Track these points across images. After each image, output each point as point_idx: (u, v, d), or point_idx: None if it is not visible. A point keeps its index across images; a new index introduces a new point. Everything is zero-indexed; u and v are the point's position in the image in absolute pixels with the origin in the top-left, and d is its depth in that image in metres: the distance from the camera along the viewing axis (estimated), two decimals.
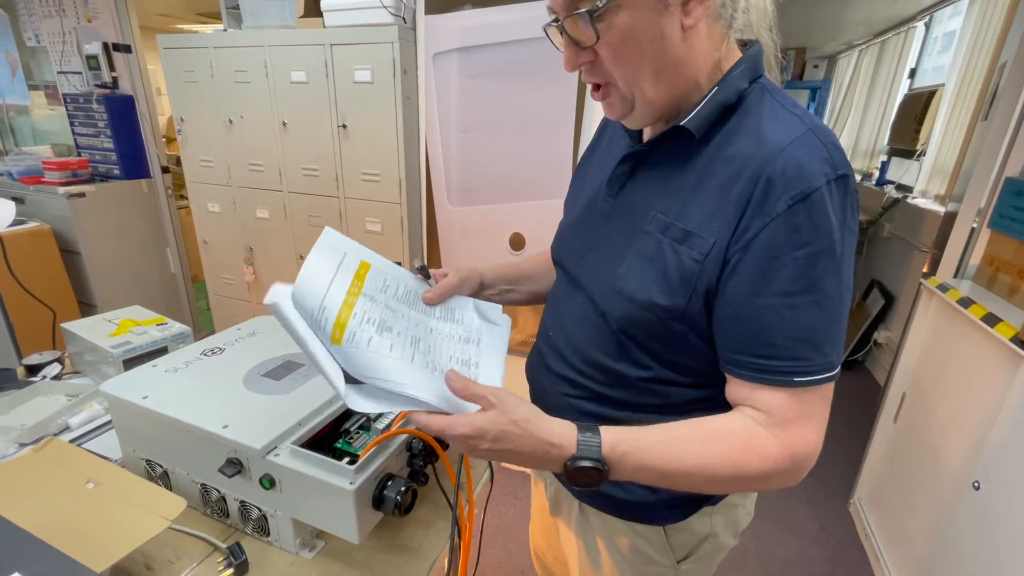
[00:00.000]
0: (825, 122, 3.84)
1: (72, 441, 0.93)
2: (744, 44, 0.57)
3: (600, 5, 0.48)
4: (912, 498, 1.54)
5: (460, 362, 0.61)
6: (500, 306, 0.76)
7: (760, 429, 0.52)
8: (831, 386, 0.53)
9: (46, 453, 0.79)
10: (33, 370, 1.18)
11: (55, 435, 0.95)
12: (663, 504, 0.67)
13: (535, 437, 0.51)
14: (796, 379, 0.51)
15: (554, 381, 0.70)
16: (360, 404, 0.50)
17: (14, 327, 1.27)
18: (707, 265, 0.52)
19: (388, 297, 0.62)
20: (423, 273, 0.73)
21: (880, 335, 2.95)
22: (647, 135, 0.64)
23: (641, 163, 0.62)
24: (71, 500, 0.70)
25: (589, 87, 0.59)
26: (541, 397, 0.74)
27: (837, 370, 0.52)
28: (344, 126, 1.89)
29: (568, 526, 0.80)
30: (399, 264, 0.71)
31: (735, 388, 0.55)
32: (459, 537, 0.79)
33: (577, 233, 0.69)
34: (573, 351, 0.66)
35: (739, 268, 0.51)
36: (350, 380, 0.51)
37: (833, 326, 0.51)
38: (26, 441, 0.92)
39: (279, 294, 0.52)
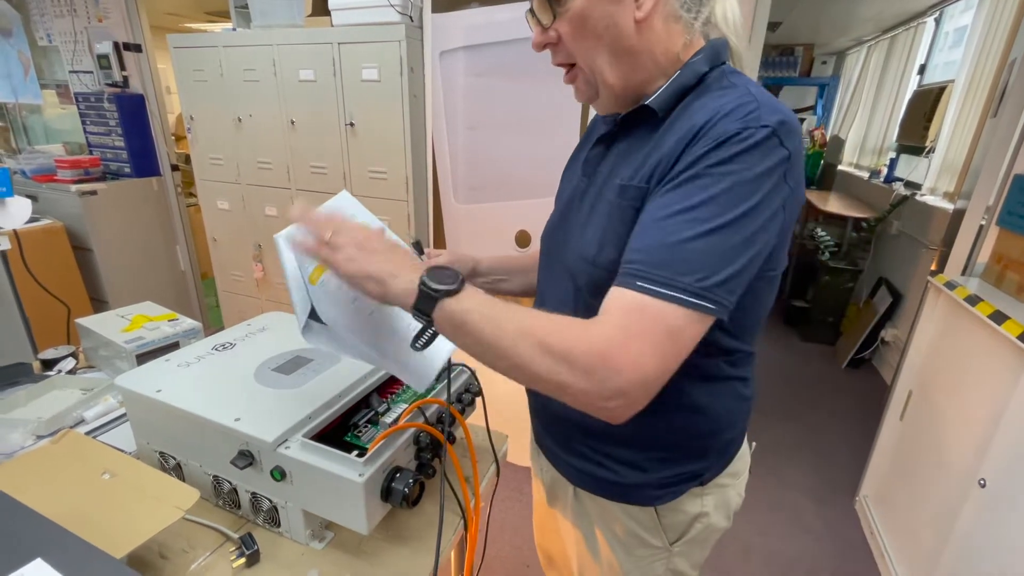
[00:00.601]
0: (833, 119, 3.82)
1: (88, 433, 0.95)
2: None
3: None
4: (918, 496, 1.54)
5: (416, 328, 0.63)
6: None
7: (598, 325, 0.50)
8: (680, 316, 0.48)
9: (63, 445, 0.81)
10: (48, 364, 1.20)
11: (71, 428, 0.98)
12: (654, 485, 0.68)
13: (396, 252, 0.59)
14: (638, 282, 0.49)
15: None
16: (311, 339, 0.57)
17: (30, 322, 1.30)
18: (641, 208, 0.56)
19: None
20: (417, 249, 0.78)
21: (887, 333, 2.93)
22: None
23: (612, 143, 0.66)
24: (88, 490, 0.72)
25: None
26: (532, 393, 0.77)
27: (688, 297, 0.48)
28: (351, 124, 1.91)
29: (564, 515, 0.81)
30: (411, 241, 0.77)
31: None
32: (465, 529, 0.81)
33: (560, 218, 0.73)
34: None
35: (656, 196, 0.54)
36: (315, 319, 0.57)
37: (700, 253, 0.48)
38: (43, 433, 0.95)
39: (284, 232, 0.60)
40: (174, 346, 1.12)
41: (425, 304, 0.54)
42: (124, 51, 2.55)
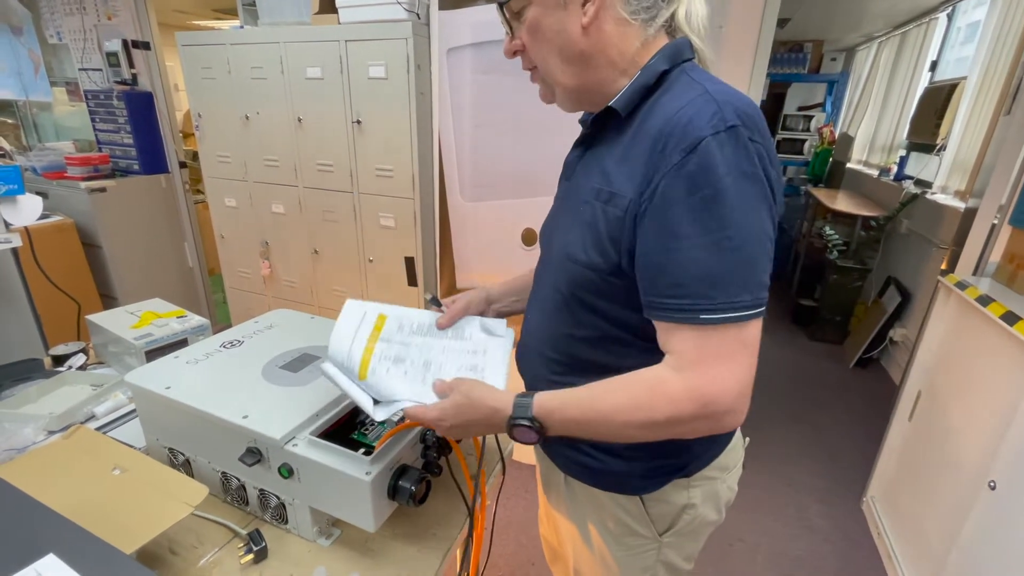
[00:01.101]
0: (842, 116, 3.78)
1: (98, 429, 0.96)
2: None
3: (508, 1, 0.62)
4: (926, 497, 1.53)
5: (468, 369, 0.74)
6: (504, 320, 0.85)
7: (669, 372, 0.55)
8: (748, 327, 0.53)
9: (74, 440, 0.82)
10: (59, 360, 1.22)
11: (82, 423, 0.99)
12: (637, 474, 0.69)
13: (483, 406, 0.63)
14: (702, 316, 0.53)
15: (531, 361, 0.75)
16: (380, 414, 0.67)
17: (41, 318, 1.31)
18: (626, 219, 0.57)
19: (404, 335, 0.78)
20: (435, 303, 0.85)
21: (896, 333, 2.91)
22: None
23: (589, 147, 0.69)
24: (98, 486, 0.72)
25: None
26: (525, 378, 0.78)
27: (750, 311, 0.52)
28: (358, 122, 1.91)
29: (558, 505, 0.82)
30: (426, 299, 0.87)
31: (659, 334, 0.58)
32: (471, 527, 0.81)
33: (550, 221, 0.76)
34: (543, 328, 0.72)
35: (645, 217, 0.56)
36: (377, 402, 0.68)
37: (738, 267, 0.52)
38: (54, 429, 0.96)
39: (327, 366, 0.72)
40: (183, 343, 1.13)
41: (532, 436, 0.62)
42: (133, 49, 2.56)
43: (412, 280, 2.06)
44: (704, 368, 0.53)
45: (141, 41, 2.56)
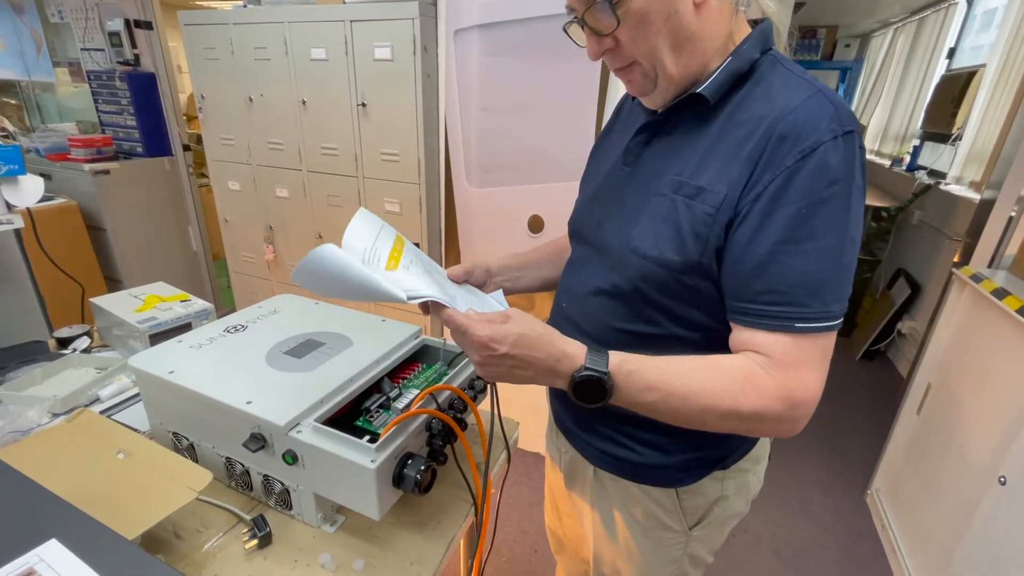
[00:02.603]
0: (855, 105, 3.73)
1: (102, 412, 0.95)
2: (755, 23, 0.60)
3: None
4: (933, 490, 1.52)
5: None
6: (501, 292, 0.81)
7: (760, 369, 0.54)
8: (832, 336, 0.54)
9: (78, 423, 0.81)
10: (64, 343, 1.21)
11: (86, 406, 0.98)
12: (676, 467, 0.68)
13: (551, 344, 0.56)
14: (797, 324, 0.52)
15: None
16: (409, 297, 0.58)
17: (45, 301, 1.31)
18: (719, 216, 0.55)
19: (422, 260, 0.72)
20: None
21: (904, 325, 2.88)
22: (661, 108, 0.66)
23: (656, 133, 0.64)
24: (103, 470, 0.72)
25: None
26: None
27: (838, 321, 0.53)
28: (363, 105, 1.88)
29: (583, 496, 0.81)
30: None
31: (739, 335, 0.57)
32: (476, 515, 0.80)
33: (595, 205, 0.71)
34: (587, 319, 0.69)
35: (748, 218, 0.53)
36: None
37: (835, 276, 0.52)
38: (59, 411, 0.95)
39: (323, 248, 0.58)
40: (186, 327, 1.12)
41: (594, 405, 0.57)
42: (135, 28, 2.53)
43: None
44: (795, 371, 0.53)
45: (143, 20, 2.52)
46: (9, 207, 1.01)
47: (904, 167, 3.42)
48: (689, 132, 0.59)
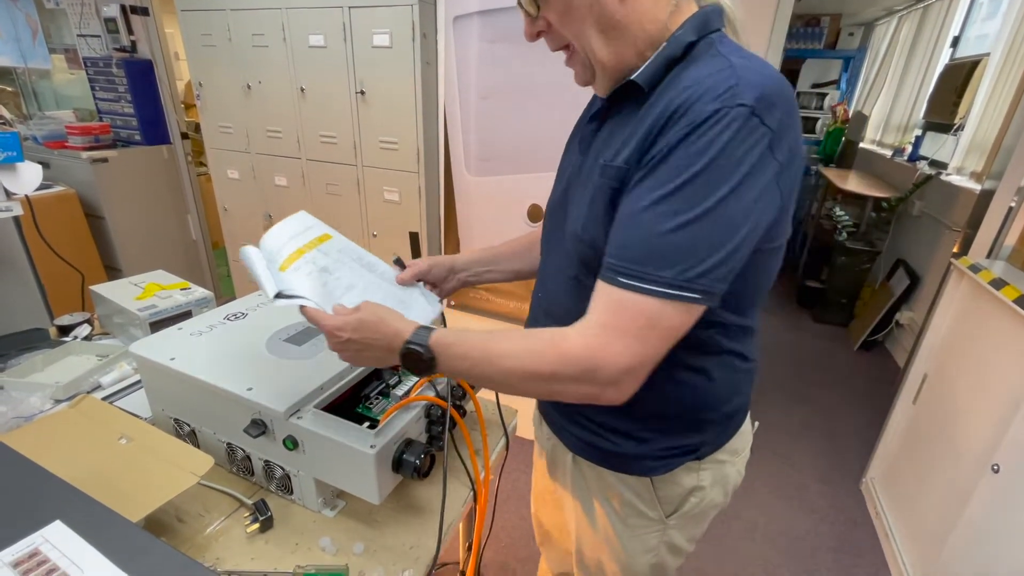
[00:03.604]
0: (857, 94, 3.65)
1: (104, 399, 0.96)
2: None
3: None
4: (927, 479, 1.54)
5: (393, 300, 0.75)
6: (438, 297, 0.85)
7: (573, 332, 0.54)
8: (666, 310, 0.50)
9: (81, 409, 0.82)
10: (64, 330, 1.22)
11: (88, 393, 0.99)
12: (650, 456, 0.69)
13: (387, 325, 0.61)
14: (620, 278, 0.51)
15: None
16: (280, 302, 0.64)
17: (45, 289, 1.31)
18: (621, 191, 0.56)
19: (342, 256, 0.77)
20: (399, 264, 0.85)
21: (903, 316, 2.89)
22: None
23: (604, 120, 0.65)
24: (105, 455, 0.73)
25: None
26: None
27: (670, 291, 0.50)
28: (362, 92, 1.87)
29: (564, 484, 0.82)
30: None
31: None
32: (474, 501, 0.81)
33: (561, 194, 0.74)
34: (557, 306, 0.71)
35: (630, 185, 0.54)
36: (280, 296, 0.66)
37: (689, 246, 0.49)
38: (61, 398, 0.96)
39: (244, 247, 0.71)
40: (186, 315, 1.13)
41: (421, 373, 0.62)
42: (131, 14, 2.50)
43: (416, 255, 2.04)
44: (606, 334, 0.52)
45: (139, 6, 2.49)
46: (8, 194, 1.01)
47: (906, 157, 3.41)
48: (626, 118, 0.60)
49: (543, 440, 0.88)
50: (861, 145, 4.34)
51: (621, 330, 0.51)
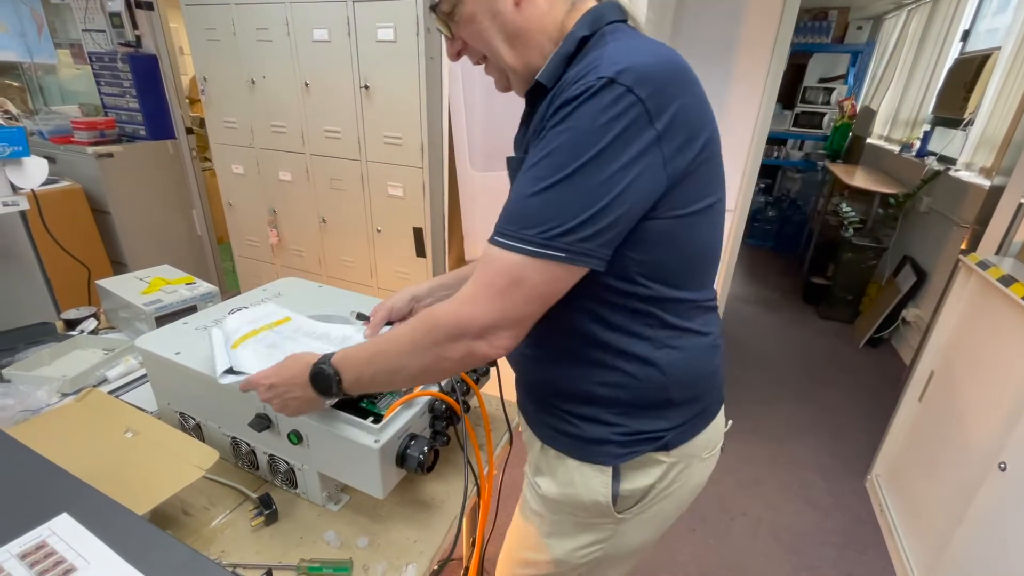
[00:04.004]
0: (865, 89, 3.61)
1: (110, 393, 0.97)
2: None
3: (438, 2, 0.61)
4: (933, 476, 1.53)
5: None
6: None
7: (447, 303, 0.57)
8: (529, 267, 0.53)
9: (87, 403, 0.83)
10: (71, 324, 1.23)
11: (94, 386, 1.00)
12: (616, 442, 0.66)
13: (300, 360, 0.66)
14: (494, 236, 0.54)
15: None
16: (224, 379, 0.71)
17: (52, 283, 1.32)
18: None
19: (295, 334, 0.83)
20: (363, 318, 0.89)
21: (909, 313, 2.87)
22: None
23: (527, 122, 0.69)
24: (111, 448, 0.73)
25: None
26: (510, 362, 0.77)
27: (529, 248, 0.52)
28: (366, 87, 1.86)
29: (531, 473, 0.79)
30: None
31: None
32: (478, 496, 0.81)
33: None
34: None
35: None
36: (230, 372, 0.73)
37: (552, 208, 0.52)
38: (68, 391, 0.97)
39: (216, 329, 0.82)
40: (191, 309, 1.13)
41: (334, 394, 0.65)
42: (136, 8, 2.50)
43: (420, 251, 2.04)
44: (474, 291, 0.55)
45: (144, 1, 2.49)
46: (14, 189, 1.02)
47: (914, 153, 3.37)
48: (537, 116, 0.62)
49: (526, 435, 0.87)
50: (868, 141, 4.30)
51: (486, 285, 0.54)
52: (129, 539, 0.46)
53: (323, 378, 0.63)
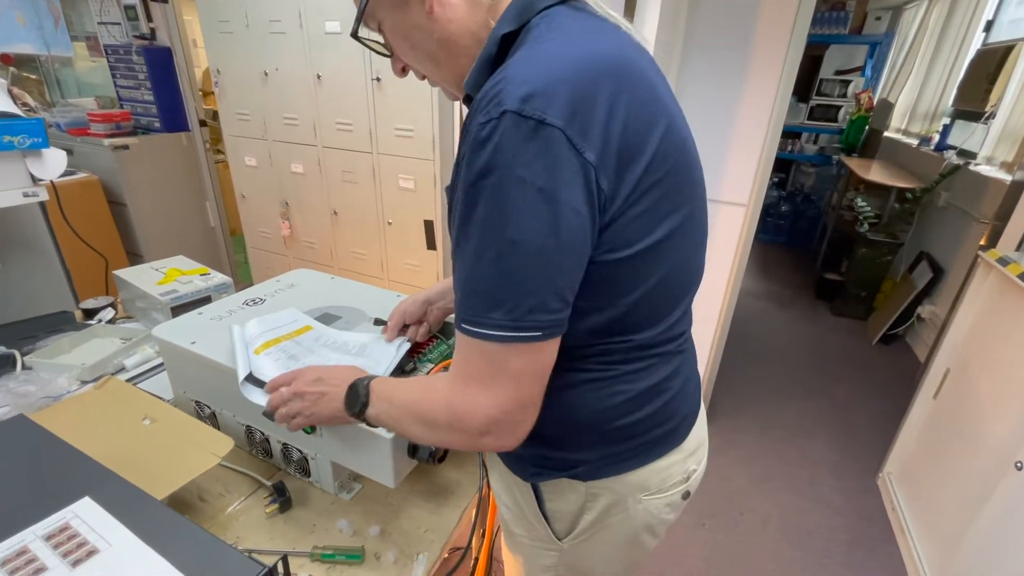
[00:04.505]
0: (883, 82, 3.54)
1: (128, 381, 0.98)
2: None
3: (354, 27, 0.56)
4: (947, 475, 1.51)
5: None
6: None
7: (445, 378, 0.53)
8: (510, 352, 0.46)
9: (106, 390, 0.84)
10: (89, 314, 1.25)
11: (113, 375, 1.01)
12: (528, 459, 0.62)
13: (346, 369, 0.66)
14: (463, 324, 0.48)
15: None
16: (245, 390, 0.72)
17: (71, 273, 1.34)
18: None
19: (315, 345, 0.82)
20: (380, 323, 0.88)
21: (924, 309, 2.83)
22: None
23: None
24: (130, 435, 0.75)
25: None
26: None
27: (504, 333, 0.45)
28: (378, 79, 1.86)
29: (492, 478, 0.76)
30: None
31: None
32: (489, 488, 0.82)
33: None
34: None
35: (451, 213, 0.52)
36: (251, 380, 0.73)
37: (495, 282, 0.45)
38: (87, 379, 0.99)
39: (238, 327, 0.82)
40: (206, 300, 1.15)
41: (355, 414, 0.61)
42: (151, 1, 2.52)
43: (431, 243, 2.05)
44: (463, 382, 0.50)
45: None
46: (34, 180, 1.03)
47: (932, 146, 3.31)
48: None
49: None
50: (886, 134, 4.22)
51: (473, 379, 0.49)
52: (149, 523, 0.47)
53: (354, 397, 0.60)
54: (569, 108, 0.42)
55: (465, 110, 0.56)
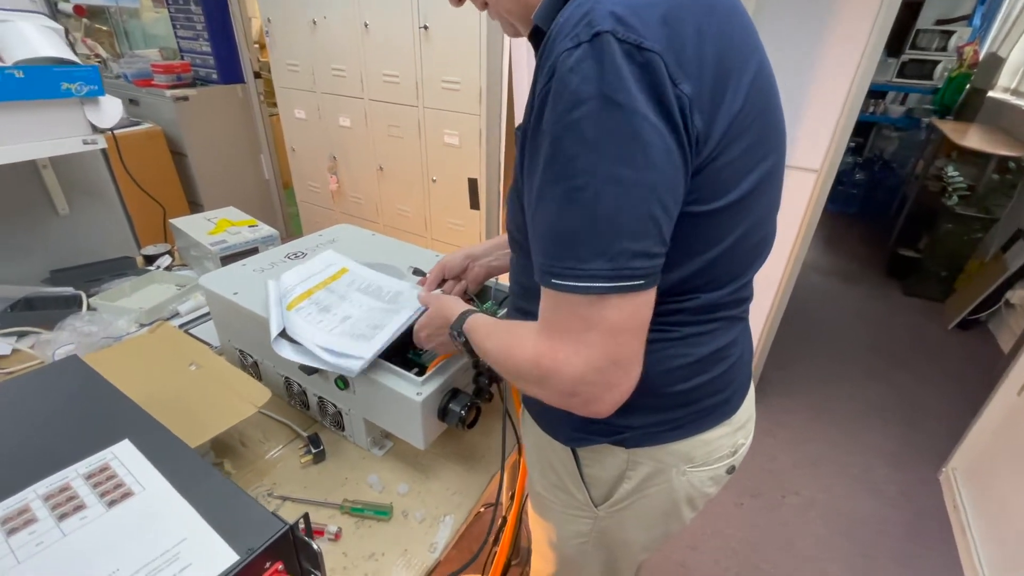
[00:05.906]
0: (993, 33, 3.10)
1: (181, 326, 1.03)
2: None
3: None
4: None
5: (369, 326, 0.74)
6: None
7: (534, 330, 0.49)
8: (604, 304, 0.42)
9: (158, 335, 0.88)
10: (149, 260, 1.31)
11: (167, 319, 1.06)
12: (571, 425, 0.60)
13: (450, 306, 0.64)
14: (553, 280, 0.44)
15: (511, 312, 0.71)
16: (278, 346, 0.71)
17: (132, 220, 1.40)
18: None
19: (348, 290, 0.81)
20: (419, 274, 0.88)
21: (1015, 294, 2.55)
22: None
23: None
24: (176, 379, 0.78)
25: None
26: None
27: (603, 284, 0.42)
28: (425, 27, 1.79)
29: (525, 437, 0.75)
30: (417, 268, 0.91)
31: None
32: (519, 453, 0.81)
33: None
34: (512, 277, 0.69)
35: (522, 158, 0.48)
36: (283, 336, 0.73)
37: (589, 226, 0.41)
38: (145, 322, 1.04)
39: (270, 282, 0.81)
40: (253, 251, 1.17)
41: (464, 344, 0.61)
42: None
43: (475, 203, 2.01)
44: (549, 336, 0.46)
45: None
46: (93, 128, 1.06)
47: None
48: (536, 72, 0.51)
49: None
50: (990, 94, 3.72)
51: (562, 334, 0.45)
52: (182, 471, 0.48)
53: (451, 341, 0.62)
54: (666, 32, 0.40)
55: (524, 52, 0.51)
